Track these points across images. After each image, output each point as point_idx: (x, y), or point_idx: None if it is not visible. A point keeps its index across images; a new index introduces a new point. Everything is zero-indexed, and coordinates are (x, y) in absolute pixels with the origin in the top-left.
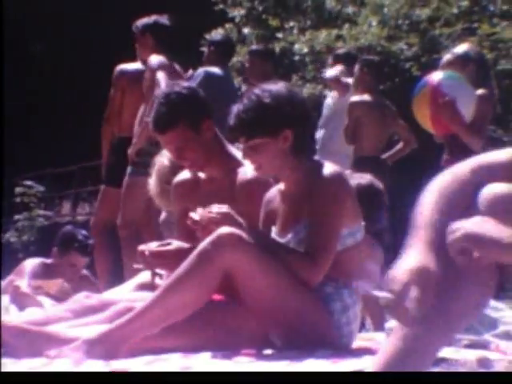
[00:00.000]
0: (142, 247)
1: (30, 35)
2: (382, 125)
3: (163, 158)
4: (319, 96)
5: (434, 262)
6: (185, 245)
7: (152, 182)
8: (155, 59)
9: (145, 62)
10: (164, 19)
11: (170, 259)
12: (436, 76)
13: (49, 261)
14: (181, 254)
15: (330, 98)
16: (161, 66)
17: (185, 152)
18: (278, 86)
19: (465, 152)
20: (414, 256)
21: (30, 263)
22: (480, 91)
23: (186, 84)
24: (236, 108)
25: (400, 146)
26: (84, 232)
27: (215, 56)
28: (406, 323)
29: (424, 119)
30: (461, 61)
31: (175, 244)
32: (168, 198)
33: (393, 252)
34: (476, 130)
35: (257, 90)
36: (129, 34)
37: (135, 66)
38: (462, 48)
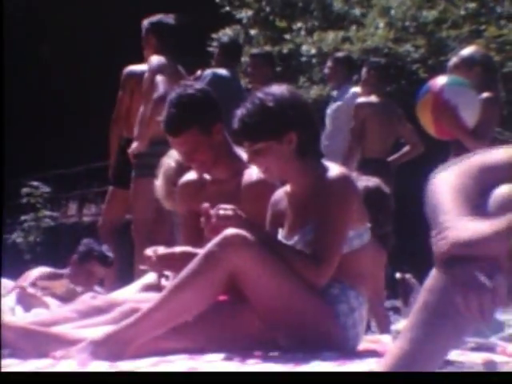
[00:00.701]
0: (148, 251)
1: (38, 36)
2: (389, 127)
3: (169, 160)
4: (326, 97)
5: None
6: (191, 249)
7: (159, 184)
8: (155, 60)
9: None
10: (169, 18)
11: (175, 261)
12: (439, 81)
13: (61, 271)
14: (187, 257)
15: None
16: (160, 68)
17: (194, 154)
18: (280, 89)
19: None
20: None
21: (39, 271)
22: (485, 94)
23: (198, 86)
24: (240, 112)
25: (406, 148)
26: (105, 246)
27: (223, 58)
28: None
29: (427, 124)
30: (467, 63)
31: (181, 248)
32: (175, 200)
33: (397, 255)
34: (480, 135)
35: (260, 94)
36: (136, 35)
37: (143, 67)
38: (468, 51)
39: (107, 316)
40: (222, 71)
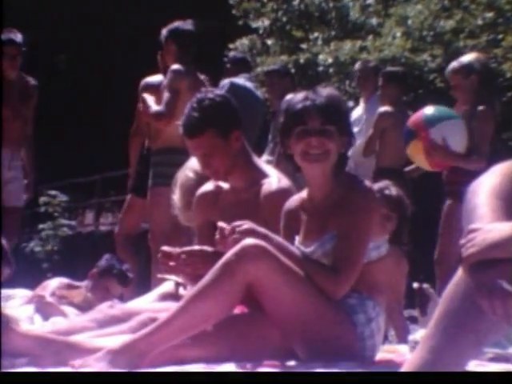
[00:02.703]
0: (165, 248)
1: (55, 46)
2: None
3: (187, 171)
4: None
5: None
6: (209, 248)
7: (176, 197)
8: (175, 68)
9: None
10: (188, 25)
11: (194, 257)
12: (422, 124)
13: (79, 283)
14: (205, 255)
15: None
16: (179, 77)
17: (211, 159)
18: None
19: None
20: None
21: (57, 282)
22: (480, 108)
23: (219, 92)
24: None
25: None
26: (127, 265)
27: (233, 73)
28: None
29: (422, 164)
30: (465, 70)
31: (199, 246)
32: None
33: (414, 265)
34: (479, 151)
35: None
36: (152, 45)
37: (159, 78)
38: (467, 58)
39: (125, 325)
40: (240, 80)
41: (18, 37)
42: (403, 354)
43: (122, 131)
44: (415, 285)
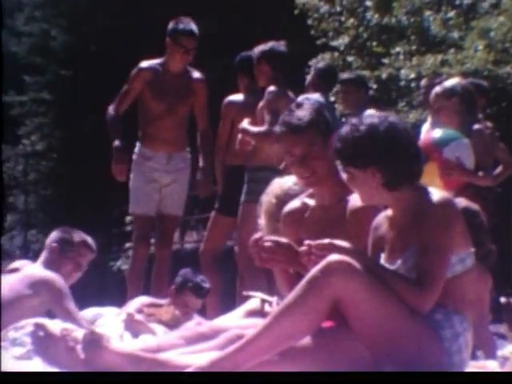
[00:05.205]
0: (256, 235)
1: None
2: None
3: (269, 197)
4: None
5: None
6: (294, 244)
7: (263, 223)
8: (273, 90)
9: (263, 89)
10: (281, 46)
11: (279, 249)
12: (432, 146)
13: (160, 301)
14: (289, 248)
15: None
16: (277, 99)
17: (308, 160)
18: (374, 121)
19: None
20: None
21: (139, 301)
22: (476, 127)
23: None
24: (342, 132)
25: (500, 169)
26: (202, 277)
27: (317, 83)
28: None
29: (436, 186)
30: (447, 93)
31: (285, 239)
32: (280, 236)
33: (501, 279)
34: (484, 167)
35: (354, 121)
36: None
37: (241, 97)
38: (450, 82)
39: (212, 342)
40: (315, 96)
41: (195, 29)
42: (492, 370)
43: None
44: (502, 299)
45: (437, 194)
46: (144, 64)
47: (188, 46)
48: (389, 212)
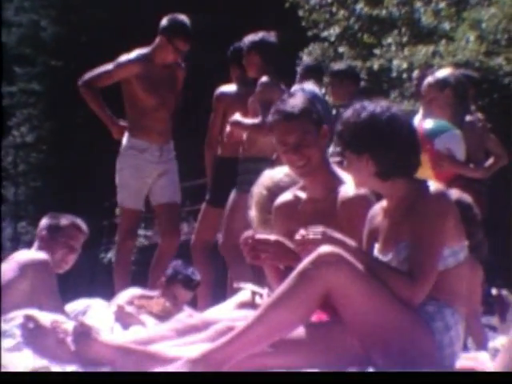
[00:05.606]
0: (247, 233)
1: None
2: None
3: (260, 189)
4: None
5: None
6: (285, 241)
7: (253, 214)
8: (265, 81)
9: (255, 80)
10: (271, 37)
11: (269, 246)
12: (423, 137)
13: (150, 293)
14: (280, 245)
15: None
16: (271, 90)
17: (301, 148)
18: (376, 109)
19: None
20: None
21: (130, 293)
22: (468, 118)
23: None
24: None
25: (491, 161)
26: (192, 269)
27: (305, 77)
28: None
29: (425, 176)
30: (439, 84)
31: (276, 236)
32: (271, 227)
33: (492, 271)
34: (476, 160)
35: (357, 107)
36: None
37: (233, 88)
38: (442, 73)
39: (203, 334)
40: (309, 86)
41: (190, 31)
42: (484, 362)
43: (195, 141)
44: (494, 291)
45: (432, 186)
46: (132, 56)
47: (182, 49)
48: (384, 203)
